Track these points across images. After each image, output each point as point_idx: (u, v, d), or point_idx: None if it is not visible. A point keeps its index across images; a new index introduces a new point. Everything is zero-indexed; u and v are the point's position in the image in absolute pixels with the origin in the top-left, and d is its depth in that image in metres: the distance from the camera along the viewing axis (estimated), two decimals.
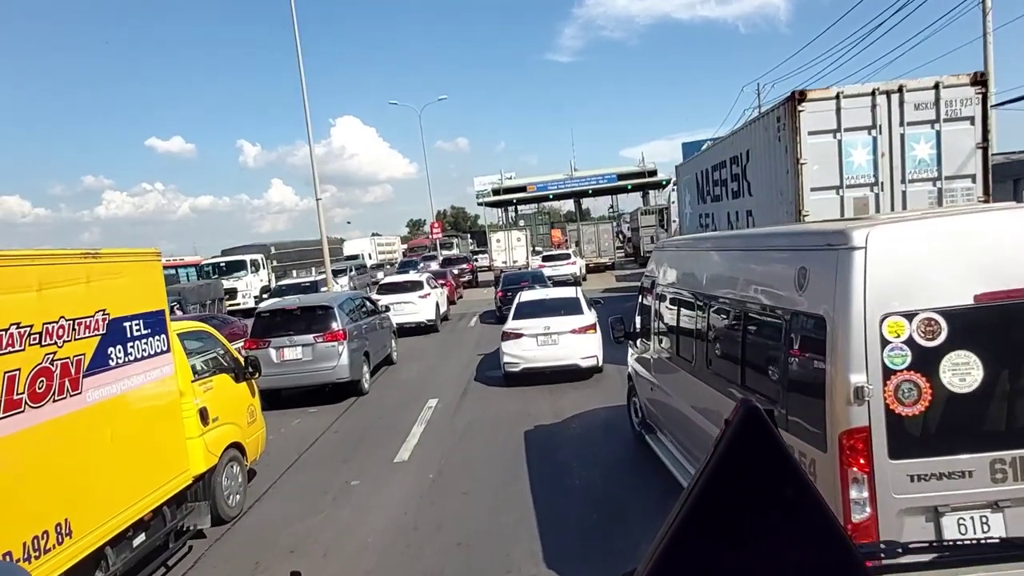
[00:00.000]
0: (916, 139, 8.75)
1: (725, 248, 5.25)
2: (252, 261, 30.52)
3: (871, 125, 8.77)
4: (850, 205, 8.89)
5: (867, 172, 8.85)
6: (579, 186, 51.26)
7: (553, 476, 6.72)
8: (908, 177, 8.77)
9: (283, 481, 7.42)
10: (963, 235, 3.18)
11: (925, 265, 3.10)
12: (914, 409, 3.04)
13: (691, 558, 0.80)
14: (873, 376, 3.02)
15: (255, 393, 7.43)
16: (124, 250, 5.07)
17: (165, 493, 5.19)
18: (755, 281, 4.31)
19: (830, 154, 8.85)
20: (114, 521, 4.57)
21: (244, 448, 6.75)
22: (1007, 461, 3.03)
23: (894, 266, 3.08)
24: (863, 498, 3.05)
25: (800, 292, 3.50)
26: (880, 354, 3.02)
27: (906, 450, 3.06)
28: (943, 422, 3.11)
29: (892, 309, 3.03)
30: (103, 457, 4.53)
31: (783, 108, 9.20)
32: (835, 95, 8.76)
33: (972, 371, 3.02)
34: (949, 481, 3.06)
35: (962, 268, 3.06)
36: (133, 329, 4.92)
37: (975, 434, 3.13)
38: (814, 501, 0.81)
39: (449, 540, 5.55)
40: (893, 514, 3.06)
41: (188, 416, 5.73)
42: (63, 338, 4.18)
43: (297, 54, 19.91)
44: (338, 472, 7.50)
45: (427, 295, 18.65)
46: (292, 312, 11.50)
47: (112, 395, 4.62)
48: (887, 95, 8.71)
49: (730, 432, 0.81)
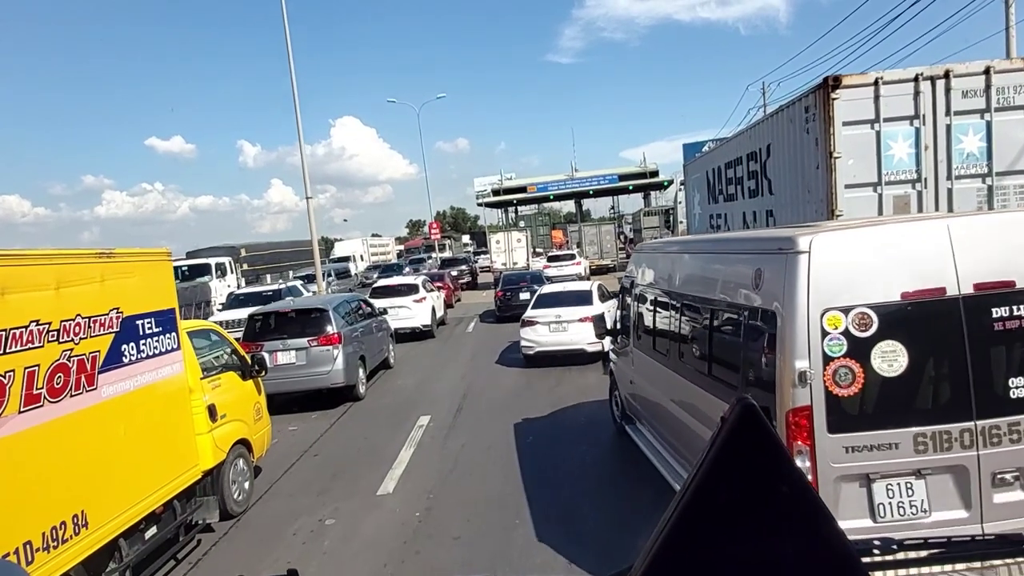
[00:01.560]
0: (964, 130, 7.83)
1: (695, 251, 5.86)
2: (218, 265, 27.51)
3: (913, 115, 7.84)
4: (889, 204, 7.96)
5: (909, 167, 7.92)
6: (580, 187, 50.39)
7: (560, 518, 5.80)
8: (955, 173, 7.85)
9: (249, 517, 6.49)
10: (892, 242, 3.66)
11: (860, 267, 3.57)
12: (849, 391, 3.51)
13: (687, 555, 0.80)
14: (815, 362, 3.49)
15: (261, 391, 7.46)
16: (136, 250, 5.21)
17: (176, 487, 5.32)
18: (720, 281, 4.74)
19: (867, 147, 7.93)
20: (128, 513, 4.70)
21: (251, 444, 6.82)
22: (928, 435, 3.53)
23: (833, 268, 3.55)
24: (806, 467, 3.51)
25: (756, 291, 4.00)
26: (820, 343, 3.49)
27: (842, 426, 3.53)
28: (873, 401, 3.58)
29: (831, 304, 3.49)
30: (117, 451, 4.66)
31: (813, 96, 8.26)
32: (873, 81, 7.83)
33: (898, 358, 3.50)
34: (878, 452, 3.55)
35: (891, 270, 3.55)
36: (145, 327, 5.06)
37: (900, 412, 3.59)
38: (810, 498, 0.82)
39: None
40: (831, 481, 3.55)
41: (197, 412, 5.83)
42: (79, 335, 4.32)
43: (288, 51, 19.01)
44: (312, 506, 6.57)
45: (422, 299, 17.69)
46: (286, 315, 11.18)
47: (125, 391, 4.77)
48: (931, 81, 7.78)
49: (726, 429, 0.81)
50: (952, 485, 3.60)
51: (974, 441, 3.56)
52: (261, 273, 32.86)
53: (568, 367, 11.81)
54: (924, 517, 3.56)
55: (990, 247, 3.63)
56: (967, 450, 3.56)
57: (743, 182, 12.24)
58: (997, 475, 3.58)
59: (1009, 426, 3.55)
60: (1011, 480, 3.58)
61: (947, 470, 3.59)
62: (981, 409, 3.56)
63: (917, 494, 3.59)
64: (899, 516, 3.57)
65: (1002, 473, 3.57)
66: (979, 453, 3.56)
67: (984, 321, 3.56)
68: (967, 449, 3.56)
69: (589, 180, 50.35)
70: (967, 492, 3.58)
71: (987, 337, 3.58)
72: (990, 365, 3.62)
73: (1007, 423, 3.55)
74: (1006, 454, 3.55)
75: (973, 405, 3.56)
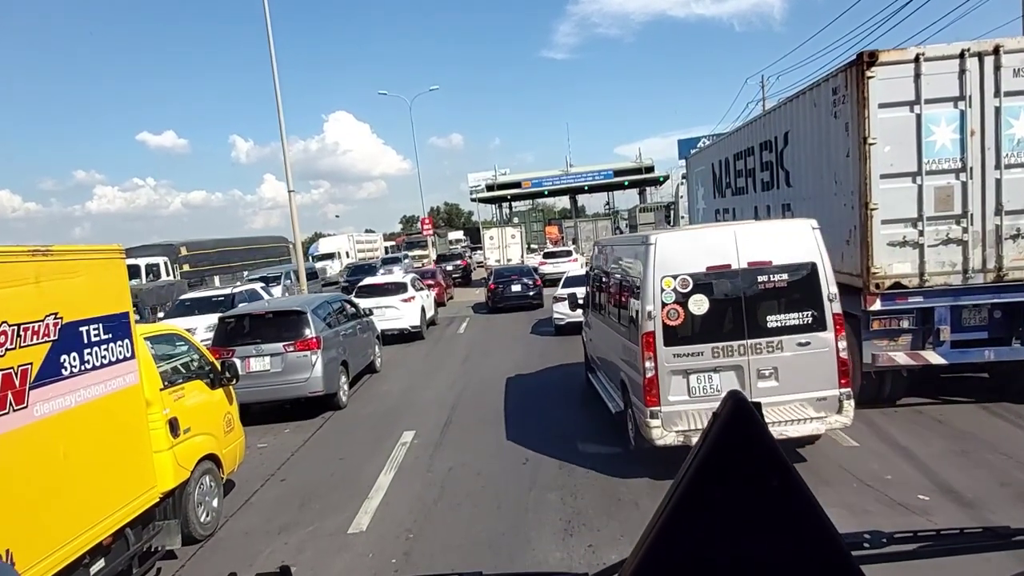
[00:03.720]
0: (1015, 113, 6.95)
1: (616, 244, 8.49)
2: (150, 266, 24.22)
3: (958, 96, 6.97)
4: (931, 197, 7.08)
5: (952, 155, 7.04)
6: (575, 182, 49.42)
7: (562, 562, 4.89)
8: (1004, 161, 6.97)
9: (192, 566, 5.49)
10: (701, 239, 6.21)
11: (682, 252, 6.01)
12: (676, 322, 5.90)
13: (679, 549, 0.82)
14: (656, 306, 5.89)
15: (233, 400, 6.88)
16: (81, 247, 4.66)
17: (128, 513, 4.75)
18: (623, 261, 7.24)
19: (906, 132, 7.04)
20: (67, 548, 4.10)
21: (220, 459, 6.24)
22: (720, 348, 5.90)
23: (668, 253, 5.98)
24: (651, 366, 5.89)
25: (638, 267, 6.28)
26: (660, 295, 5.89)
27: (671, 342, 5.90)
28: (689, 329, 5.93)
29: (666, 273, 5.90)
30: (54, 478, 4.09)
31: (843, 76, 7.36)
32: (914, 57, 6.94)
33: (704, 304, 5.89)
34: (692, 358, 5.92)
35: (700, 254, 5.96)
36: (91, 334, 4.48)
37: (704, 335, 5.94)
38: (800, 492, 0.83)
39: None
40: (667, 373, 5.91)
41: (156, 428, 5.26)
42: (5, 346, 3.77)
43: (269, 44, 18.01)
44: (271, 547, 5.60)
45: (411, 298, 16.65)
46: (260, 317, 10.20)
47: (65, 408, 4.18)
48: (979, 57, 6.90)
49: (718, 424, 0.83)
50: (734, 376, 5.95)
51: (746, 352, 5.92)
52: (206, 275, 28.09)
53: (571, 373, 10.91)
54: (716, 396, 5.79)
55: (758, 241, 5.98)
56: (742, 357, 5.93)
57: (755, 174, 11.34)
58: (759, 371, 5.94)
59: (766, 343, 5.91)
60: (767, 374, 5.94)
61: (731, 368, 5.95)
62: (750, 333, 5.91)
63: (714, 382, 5.96)
64: (703, 394, 5.94)
65: (762, 369, 5.94)
66: (749, 358, 5.93)
67: (753, 283, 5.93)
68: (742, 356, 5.93)
69: (584, 175, 49.39)
70: (743, 381, 5.91)
71: (754, 292, 5.93)
72: (755, 308, 5.93)
73: (764, 341, 5.91)
74: (764, 359, 5.92)
75: (745, 331, 5.92)
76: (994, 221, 7.04)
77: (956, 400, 7.85)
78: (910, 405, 7.79)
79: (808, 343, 5.86)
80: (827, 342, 5.85)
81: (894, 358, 7.28)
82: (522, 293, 20.62)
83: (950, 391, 8.08)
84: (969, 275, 7.13)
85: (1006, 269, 7.07)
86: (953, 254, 7.15)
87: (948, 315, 7.18)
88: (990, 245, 7.08)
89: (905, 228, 7.16)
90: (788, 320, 5.89)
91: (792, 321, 5.89)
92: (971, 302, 7.22)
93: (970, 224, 7.07)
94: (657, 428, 5.90)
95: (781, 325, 5.89)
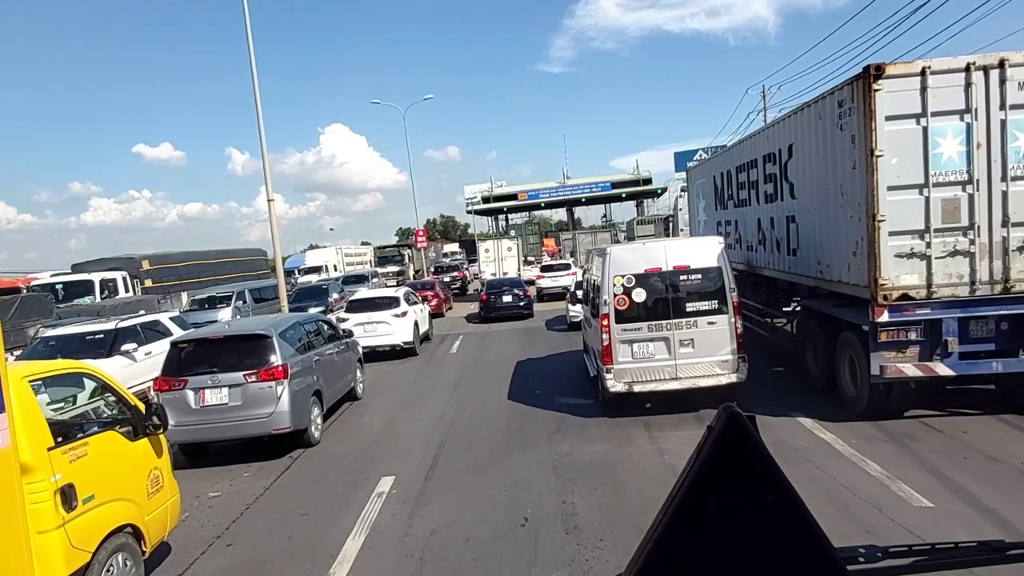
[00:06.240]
0: (1021, 126, 7.00)
1: (594, 254, 11.20)
2: (105, 282, 21.38)
3: (964, 108, 7.01)
4: (938, 209, 7.10)
5: (959, 167, 7.07)
6: (572, 194, 49.68)
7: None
8: (1011, 174, 7.00)
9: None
10: (641, 249, 9.09)
11: (629, 259, 8.80)
12: (624, 307, 8.61)
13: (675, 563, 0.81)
14: (611, 296, 8.62)
15: (163, 452, 5.61)
16: None
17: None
18: (593, 265, 10.61)
19: (912, 144, 7.07)
20: None
21: (141, 530, 5.00)
22: (653, 325, 8.58)
23: (619, 259, 8.82)
24: (607, 337, 8.61)
25: (601, 269, 9.03)
26: (613, 288, 8.63)
27: (621, 321, 8.61)
28: (633, 312, 8.61)
29: (617, 273, 8.66)
30: None
31: (850, 88, 7.40)
32: (920, 70, 6.98)
33: (643, 294, 8.59)
34: (635, 332, 8.59)
35: (640, 260, 8.72)
36: None
37: (643, 316, 8.60)
38: (795, 506, 0.82)
39: None
40: (619, 343, 8.61)
41: (39, 501, 4.04)
42: None
43: (248, 48, 17.94)
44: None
45: (404, 313, 15.96)
46: (217, 342, 8.89)
47: None
48: (984, 71, 6.95)
49: (713, 438, 0.82)
50: (664, 346, 8.58)
51: (672, 328, 8.53)
52: (172, 291, 25.21)
53: (570, 395, 10.83)
54: (651, 358, 8.58)
55: (681, 251, 8.75)
56: (669, 331, 8.54)
57: (758, 186, 11.39)
58: (681, 340, 8.52)
59: (686, 322, 8.52)
60: (686, 343, 8.51)
61: (661, 339, 8.58)
62: (674, 314, 8.54)
63: (650, 350, 8.60)
64: (642, 356, 8.58)
65: (682, 340, 8.52)
66: (673, 333, 8.54)
67: (676, 280, 8.59)
68: (669, 331, 8.54)
69: (581, 187, 49.67)
70: (670, 349, 8.56)
71: (677, 287, 8.58)
72: (678, 297, 8.55)
73: (684, 320, 8.52)
74: (684, 333, 8.52)
75: (671, 313, 8.54)
76: (1001, 233, 7.07)
77: (965, 412, 7.84)
78: (917, 417, 7.77)
79: (715, 322, 8.53)
80: (728, 321, 8.51)
81: (903, 370, 7.26)
82: (513, 303, 21.01)
83: (955, 403, 8.07)
84: (976, 286, 7.14)
85: (1013, 280, 7.08)
86: (960, 266, 7.16)
87: (956, 327, 7.18)
88: (997, 257, 7.10)
89: (912, 240, 7.17)
90: (701, 306, 8.55)
91: (704, 306, 8.55)
92: (978, 314, 7.23)
93: (977, 236, 7.09)
94: (611, 380, 8.66)
95: (696, 309, 8.56)
